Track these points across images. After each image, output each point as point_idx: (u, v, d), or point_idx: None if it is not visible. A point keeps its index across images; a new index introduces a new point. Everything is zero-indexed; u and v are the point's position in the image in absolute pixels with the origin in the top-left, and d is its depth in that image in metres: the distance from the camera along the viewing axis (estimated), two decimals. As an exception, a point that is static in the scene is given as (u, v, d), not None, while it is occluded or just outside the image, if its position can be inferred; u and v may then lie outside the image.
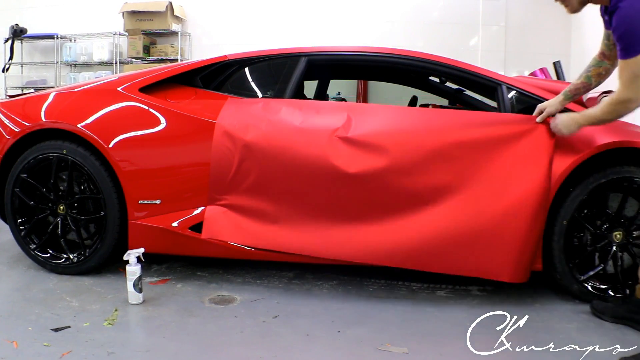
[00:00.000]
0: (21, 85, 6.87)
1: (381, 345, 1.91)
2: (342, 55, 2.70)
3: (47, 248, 2.60)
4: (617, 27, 1.78)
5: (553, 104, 2.20)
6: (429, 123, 2.31)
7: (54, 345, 1.85)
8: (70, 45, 6.78)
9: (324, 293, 2.44)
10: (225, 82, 2.66)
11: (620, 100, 1.87)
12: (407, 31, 6.41)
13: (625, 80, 1.83)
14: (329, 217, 2.31)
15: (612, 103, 1.91)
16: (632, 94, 1.83)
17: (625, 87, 1.83)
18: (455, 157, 2.21)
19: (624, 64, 1.82)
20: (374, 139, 2.26)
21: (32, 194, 2.58)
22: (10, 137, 2.56)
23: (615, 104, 1.90)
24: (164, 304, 2.26)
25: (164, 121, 2.44)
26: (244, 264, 2.74)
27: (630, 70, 1.80)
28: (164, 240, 2.44)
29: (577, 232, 2.34)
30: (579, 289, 2.30)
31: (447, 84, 3.19)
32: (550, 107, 2.20)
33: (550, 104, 2.21)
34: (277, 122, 2.35)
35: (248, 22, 6.64)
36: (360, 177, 2.23)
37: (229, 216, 2.38)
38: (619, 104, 1.89)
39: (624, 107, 1.89)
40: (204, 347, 1.88)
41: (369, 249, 2.29)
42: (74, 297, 2.30)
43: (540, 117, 2.21)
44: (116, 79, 2.64)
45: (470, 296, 2.42)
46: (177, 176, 2.45)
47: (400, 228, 2.25)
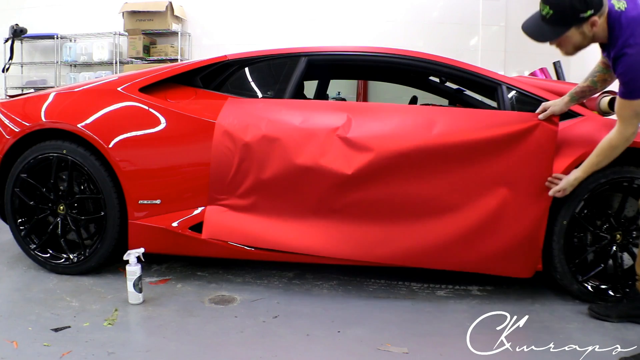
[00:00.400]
0: (21, 85, 6.87)
1: (381, 345, 1.91)
2: (342, 55, 2.70)
3: (47, 248, 2.60)
4: (623, 73, 1.81)
5: (558, 104, 2.20)
6: (432, 122, 2.31)
7: (54, 345, 1.85)
8: (70, 45, 6.78)
9: (324, 293, 2.44)
10: (225, 82, 2.66)
11: (625, 137, 1.92)
12: (407, 31, 6.41)
13: (627, 118, 1.88)
14: (329, 217, 2.31)
15: (615, 146, 1.95)
16: (634, 128, 1.89)
17: (628, 124, 1.89)
18: (458, 155, 2.21)
19: (627, 104, 1.85)
20: (374, 139, 2.26)
21: (32, 194, 2.58)
22: (10, 137, 2.56)
23: (618, 144, 1.95)
24: (164, 304, 2.26)
25: (164, 121, 2.44)
26: (244, 264, 2.74)
27: (632, 109, 1.86)
28: (164, 240, 2.44)
29: (577, 232, 2.34)
30: (579, 289, 2.30)
31: (447, 84, 3.19)
32: (555, 106, 2.20)
33: (555, 103, 2.21)
34: (277, 121, 2.35)
35: (248, 22, 6.64)
36: (361, 176, 2.23)
37: (229, 216, 2.38)
38: (623, 142, 1.94)
39: (626, 143, 1.95)
40: (204, 347, 1.88)
41: (369, 248, 2.29)
42: (74, 297, 2.30)
43: (543, 115, 2.20)
44: (116, 79, 2.64)
45: (470, 296, 2.42)
46: (177, 176, 2.45)
47: (401, 228, 2.26)
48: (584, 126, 2.27)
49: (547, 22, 1.86)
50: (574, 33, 1.85)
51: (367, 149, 2.24)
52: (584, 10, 1.79)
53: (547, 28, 1.87)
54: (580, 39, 1.87)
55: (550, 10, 1.83)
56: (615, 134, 1.94)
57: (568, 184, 2.10)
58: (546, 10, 1.84)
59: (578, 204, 2.24)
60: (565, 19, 1.82)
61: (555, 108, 2.19)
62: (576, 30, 1.84)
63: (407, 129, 2.28)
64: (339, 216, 2.30)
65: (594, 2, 1.79)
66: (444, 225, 2.23)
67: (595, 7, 1.79)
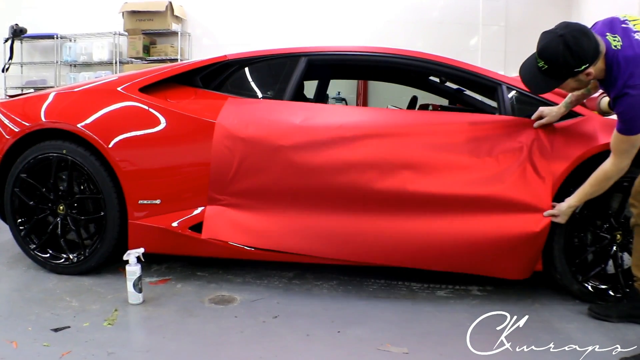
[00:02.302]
0: (21, 85, 6.87)
1: (381, 345, 1.91)
2: (342, 55, 2.70)
3: (47, 248, 2.60)
4: (623, 112, 1.83)
5: (554, 113, 2.25)
6: (434, 123, 2.32)
7: (54, 345, 1.85)
8: (70, 45, 6.78)
9: (324, 293, 2.44)
10: (225, 82, 2.66)
11: (620, 169, 1.94)
12: (407, 31, 6.41)
13: (622, 151, 1.91)
14: (330, 217, 2.31)
15: (610, 177, 1.98)
16: (628, 160, 1.93)
17: (623, 157, 1.91)
18: (458, 157, 2.22)
19: (625, 138, 1.87)
20: (375, 139, 2.26)
21: (32, 194, 2.58)
22: (10, 137, 2.56)
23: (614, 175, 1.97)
24: (164, 304, 2.25)
25: (164, 121, 2.44)
26: (244, 264, 2.74)
27: (630, 144, 1.88)
28: (164, 240, 2.44)
29: (577, 232, 2.34)
30: (579, 289, 2.30)
31: (447, 84, 3.19)
32: (550, 116, 2.24)
33: (551, 112, 2.25)
34: (277, 121, 2.35)
35: (248, 22, 6.64)
36: (362, 176, 2.23)
37: (229, 216, 2.38)
38: (617, 174, 1.96)
39: (620, 174, 1.96)
40: (203, 347, 1.88)
41: (370, 248, 2.29)
42: (73, 297, 2.30)
43: (538, 124, 2.26)
44: (116, 79, 2.64)
45: (470, 296, 2.42)
46: (177, 176, 2.45)
47: (402, 228, 2.26)
48: (584, 126, 2.28)
49: (543, 74, 1.90)
50: (569, 82, 1.90)
51: (369, 148, 2.25)
52: (579, 65, 1.81)
53: (542, 79, 1.91)
54: (577, 84, 1.93)
55: (546, 65, 1.86)
56: (611, 166, 1.96)
57: (561, 212, 2.12)
58: (542, 63, 1.87)
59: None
60: (561, 73, 1.86)
61: (551, 119, 2.24)
62: (572, 80, 1.88)
63: (412, 130, 2.30)
64: (340, 217, 2.30)
65: (588, 57, 1.79)
66: (444, 226, 2.23)
67: (590, 60, 1.80)
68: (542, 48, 1.85)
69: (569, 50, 1.78)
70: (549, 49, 1.83)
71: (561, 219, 2.13)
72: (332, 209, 2.30)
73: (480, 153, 2.23)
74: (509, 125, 2.30)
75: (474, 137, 2.27)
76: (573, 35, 1.79)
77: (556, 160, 2.19)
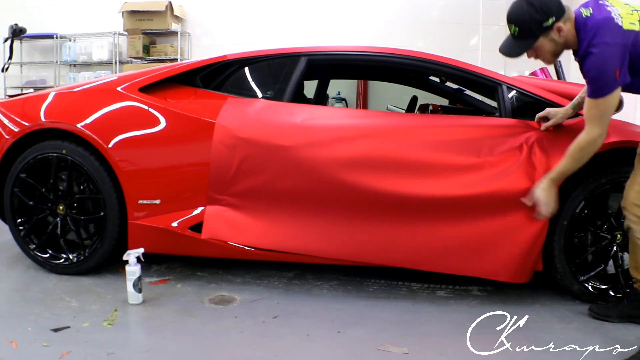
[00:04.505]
0: (20, 85, 6.86)
1: (381, 345, 1.91)
2: (342, 55, 2.70)
3: (47, 248, 2.60)
4: (588, 71, 1.86)
5: (560, 115, 2.26)
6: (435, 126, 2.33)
7: (54, 346, 1.85)
8: (69, 45, 6.77)
9: (324, 293, 2.44)
10: (225, 82, 2.66)
11: (592, 138, 1.93)
12: (407, 31, 6.41)
13: (594, 118, 1.91)
14: (330, 217, 2.31)
15: (583, 147, 1.97)
16: (601, 130, 1.92)
17: (595, 125, 1.92)
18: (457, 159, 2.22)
19: (594, 103, 1.89)
20: (376, 140, 2.26)
21: (32, 194, 2.57)
22: (10, 137, 2.56)
23: (586, 145, 1.96)
24: (164, 304, 2.25)
25: (163, 121, 2.44)
26: (244, 264, 2.73)
27: (599, 109, 1.89)
28: (163, 240, 2.44)
29: (577, 232, 2.34)
30: (580, 289, 2.30)
31: (447, 83, 3.19)
32: (556, 118, 2.26)
33: (557, 114, 2.26)
34: (277, 121, 2.35)
35: (248, 22, 6.64)
36: (362, 176, 2.23)
37: (228, 216, 2.38)
38: (591, 144, 1.95)
39: (595, 145, 1.95)
40: (203, 348, 1.88)
41: (370, 248, 2.29)
42: (73, 297, 2.30)
43: (544, 126, 2.27)
44: (116, 78, 2.64)
45: (470, 296, 2.41)
46: (177, 176, 2.45)
47: (402, 230, 2.26)
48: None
49: (517, 39, 1.98)
50: (544, 42, 1.94)
51: (370, 148, 2.25)
52: (545, 19, 1.89)
53: (518, 43, 1.98)
54: (553, 46, 1.96)
55: (516, 27, 1.94)
56: (583, 135, 1.96)
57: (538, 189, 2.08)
58: (513, 28, 1.96)
59: (578, 204, 2.24)
60: (531, 31, 1.92)
61: (558, 120, 2.26)
62: (545, 39, 1.94)
63: (410, 131, 2.31)
64: (340, 217, 2.30)
65: (552, 10, 1.89)
66: (444, 227, 2.23)
67: (555, 14, 1.89)
68: (509, 13, 1.97)
69: (532, 6, 1.89)
70: (515, 11, 1.94)
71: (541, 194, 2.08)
72: (332, 208, 2.30)
73: (481, 153, 2.23)
74: (509, 126, 2.30)
75: (474, 137, 2.27)
76: None
77: (556, 161, 2.19)
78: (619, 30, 1.79)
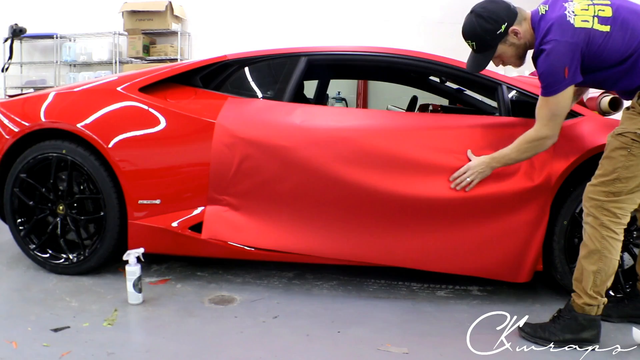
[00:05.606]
0: (20, 85, 6.87)
1: (381, 345, 1.91)
2: (342, 55, 2.70)
3: (47, 248, 2.60)
4: (539, 67, 1.86)
5: None
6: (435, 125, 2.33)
7: (54, 346, 1.85)
8: (69, 45, 6.78)
9: (324, 293, 2.44)
10: (225, 82, 2.66)
11: (538, 137, 1.95)
12: (407, 31, 6.41)
13: (543, 117, 1.92)
14: (330, 217, 2.31)
15: (528, 140, 1.98)
16: (549, 131, 1.93)
17: (543, 125, 1.93)
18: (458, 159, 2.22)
19: (544, 101, 1.90)
20: (376, 139, 2.27)
21: (32, 194, 2.58)
22: (10, 137, 2.56)
23: (531, 141, 1.97)
24: (164, 304, 2.25)
25: (163, 121, 2.44)
26: (244, 264, 2.73)
27: (548, 108, 1.90)
28: (163, 240, 2.44)
29: (577, 232, 2.34)
30: (579, 289, 2.29)
31: (447, 83, 3.19)
32: None
33: None
34: (277, 121, 2.35)
35: (248, 22, 6.64)
36: (362, 176, 2.23)
37: (229, 216, 2.38)
38: (536, 141, 1.96)
39: (540, 144, 1.97)
40: (203, 348, 1.88)
41: (370, 248, 2.30)
42: (73, 297, 2.30)
43: None
44: (116, 78, 2.64)
45: (470, 296, 2.41)
46: (177, 176, 2.45)
47: (402, 230, 2.26)
48: (584, 126, 2.27)
49: (478, 52, 2.01)
50: (503, 49, 1.97)
51: (370, 148, 2.25)
52: (497, 27, 1.92)
53: (480, 57, 2.02)
54: (514, 50, 1.98)
55: (473, 42, 1.98)
56: (531, 130, 1.98)
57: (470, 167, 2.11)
58: (470, 43, 2.00)
59: (578, 204, 2.24)
60: (487, 42, 1.95)
61: None
62: (504, 45, 1.96)
63: (409, 131, 2.30)
64: (340, 217, 2.30)
65: (501, 16, 1.91)
66: (444, 227, 2.23)
67: (507, 19, 1.91)
68: (462, 30, 2.00)
69: (481, 17, 1.93)
70: (466, 27, 1.98)
71: (477, 163, 2.11)
72: (332, 208, 2.30)
73: (481, 153, 2.23)
74: (509, 125, 2.30)
75: (474, 137, 2.27)
76: (481, 6, 1.96)
77: (556, 161, 2.19)
78: (570, 28, 1.78)
